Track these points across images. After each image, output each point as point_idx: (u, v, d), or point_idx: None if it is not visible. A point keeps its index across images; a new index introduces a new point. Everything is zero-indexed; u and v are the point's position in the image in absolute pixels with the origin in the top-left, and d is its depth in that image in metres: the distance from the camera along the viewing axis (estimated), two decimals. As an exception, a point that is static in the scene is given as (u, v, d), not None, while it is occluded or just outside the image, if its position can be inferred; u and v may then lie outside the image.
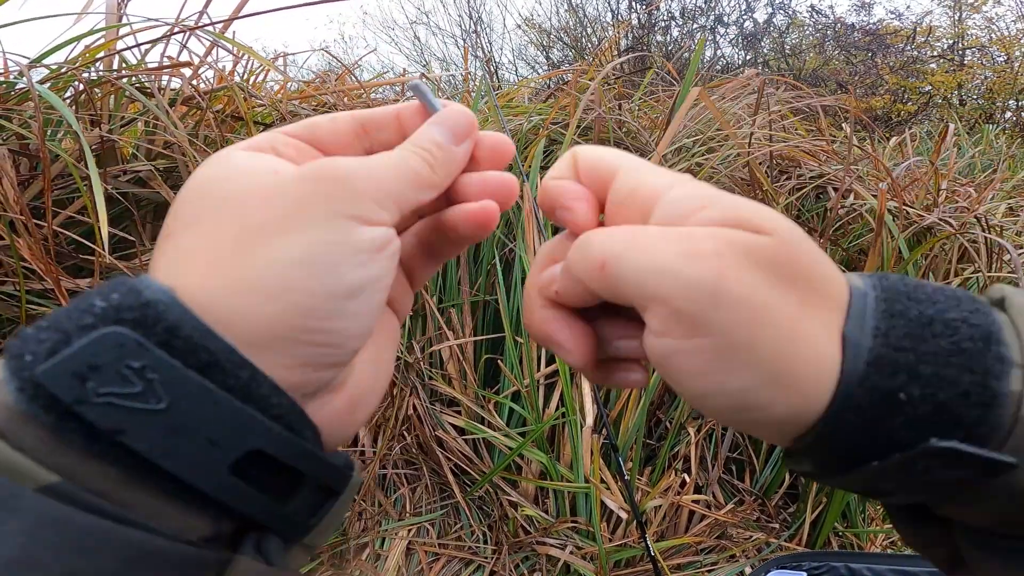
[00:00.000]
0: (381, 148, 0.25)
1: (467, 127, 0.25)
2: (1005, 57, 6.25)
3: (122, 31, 1.36)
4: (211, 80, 1.65)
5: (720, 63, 6.39)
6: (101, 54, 1.35)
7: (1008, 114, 6.07)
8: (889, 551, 1.48)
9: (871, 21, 6.61)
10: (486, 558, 1.31)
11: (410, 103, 0.26)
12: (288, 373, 0.19)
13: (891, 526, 1.50)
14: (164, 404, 0.17)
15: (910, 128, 3.52)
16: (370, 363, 0.24)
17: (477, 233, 0.26)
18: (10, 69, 1.29)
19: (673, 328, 0.20)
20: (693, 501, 1.35)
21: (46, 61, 1.30)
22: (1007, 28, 6.39)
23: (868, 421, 0.19)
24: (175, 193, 1.34)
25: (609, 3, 6.74)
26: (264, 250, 0.19)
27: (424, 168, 0.23)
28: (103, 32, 1.33)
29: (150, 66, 1.44)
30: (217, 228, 0.20)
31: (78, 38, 1.31)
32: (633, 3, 6.46)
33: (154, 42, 1.41)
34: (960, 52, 6.51)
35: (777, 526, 1.46)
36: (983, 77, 6.27)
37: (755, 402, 0.20)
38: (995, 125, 5.19)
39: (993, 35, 6.41)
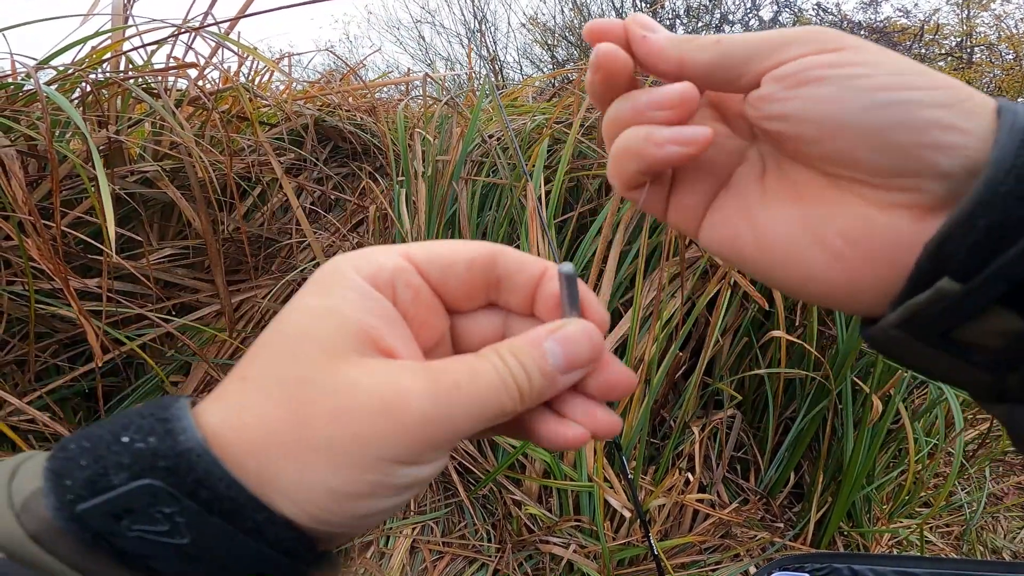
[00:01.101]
0: (504, 305, 0.25)
1: (587, 358, 0.23)
2: (1014, 55, 6.21)
3: (128, 32, 1.37)
4: (217, 81, 1.66)
5: (725, 61, 6.34)
6: (108, 55, 1.36)
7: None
8: (894, 552, 1.47)
9: (878, 19, 6.58)
10: (490, 556, 1.32)
11: (552, 274, 0.24)
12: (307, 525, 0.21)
13: (897, 525, 1.50)
14: (187, 540, 0.19)
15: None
16: None
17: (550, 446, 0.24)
18: (18, 71, 1.30)
19: (820, 50, 0.22)
20: (697, 500, 1.35)
21: (53, 62, 1.31)
22: (1015, 26, 6.34)
23: None
24: (181, 193, 1.35)
25: (613, 1, 6.72)
26: (304, 470, 0.20)
27: (511, 402, 0.22)
28: (109, 33, 1.34)
29: (156, 67, 1.45)
30: (280, 409, 0.20)
31: (85, 39, 1.32)
32: (637, 1, 6.45)
33: (160, 43, 1.42)
34: (968, 50, 6.47)
35: (782, 525, 1.46)
36: (992, 75, 6.22)
37: (931, 119, 0.20)
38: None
39: (1001, 33, 6.36)
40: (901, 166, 0.21)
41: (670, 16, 6.46)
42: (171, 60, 1.48)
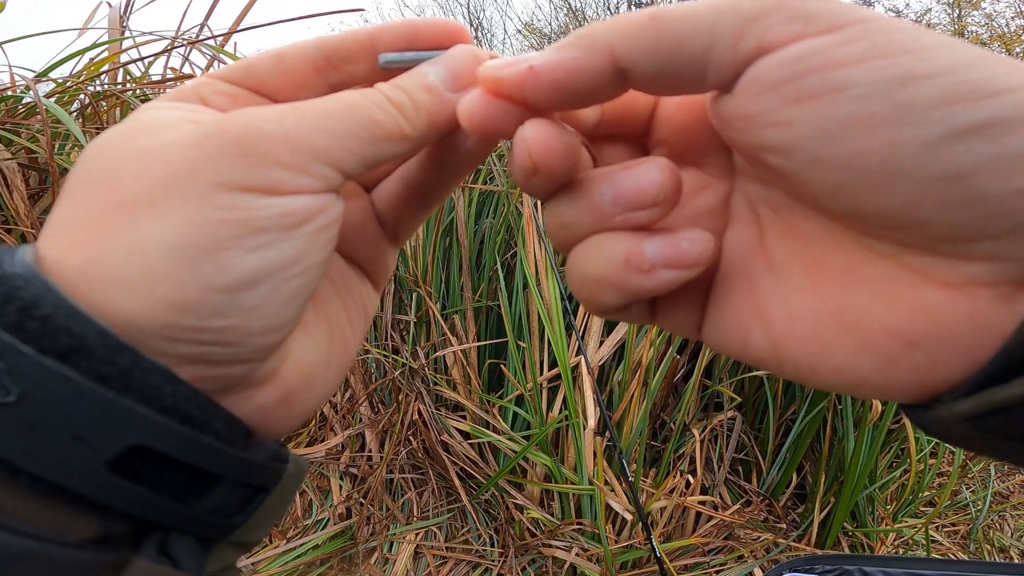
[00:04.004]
0: (356, 84, 0.20)
1: (472, 69, 0.19)
2: (1006, 54, 6.24)
3: (125, 44, 1.38)
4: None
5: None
6: (105, 67, 1.37)
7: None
8: (901, 552, 1.47)
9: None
10: (493, 560, 1.31)
11: (390, 25, 0.20)
12: (177, 370, 0.16)
13: (902, 525, 1.50)
14: (13, 396, 0.14)
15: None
16: (314, 348, 0.20)
17: (485, 143, 0.20)
18: (16, 83, 1.31)
19: (821, 30, 0.14)
20: (699, 502, 1.35)
21: (51, 75, 1.32)
22: (1006, 25, 6.37)
23: None
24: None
25: (608, 6, 6.76)
26: (129, 230, 0.15)
27: (385, 116, 0.18)
28: (106, 45, 1.35)
29: (153, 79, 1.46)
30: (91, 196, 0.16)
31: (82, 51, 1.33)
32: (632, 6, 6.49)
33: (157, 55, 1.43)
34: (962, 49, 6.51)
35: (785, 526, 1.46)
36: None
37: (967, 79, 0.13)
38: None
39: (993, 32, 6.39)
40: (989, 226, 0.14)
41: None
42: (168, 72, 1.49)
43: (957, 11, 6.58)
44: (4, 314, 0.14)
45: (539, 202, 1.41)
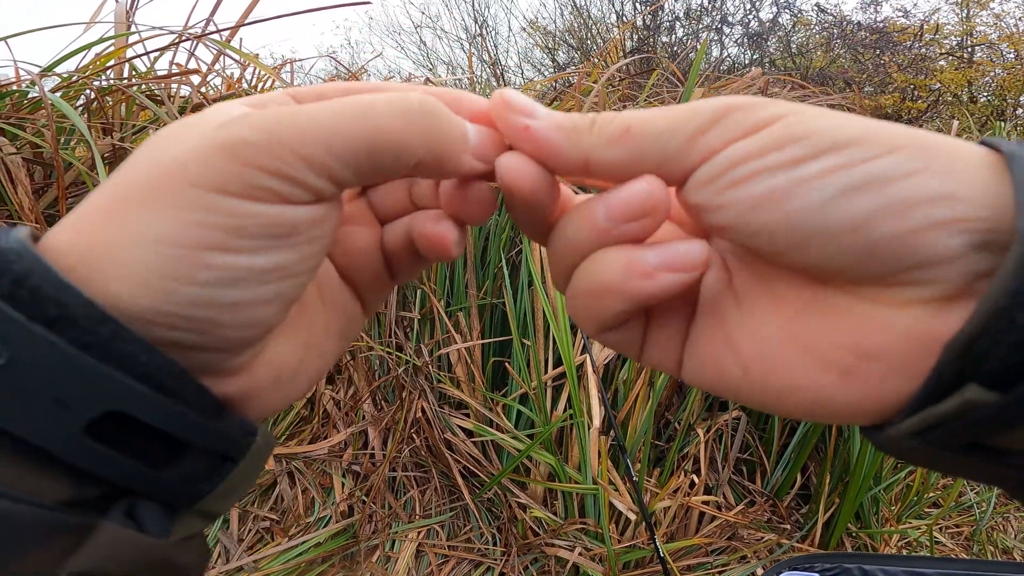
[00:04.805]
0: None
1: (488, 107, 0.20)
2: (1015, 54, 6.20)
3: (131, 39, 1.38)
4: (220, 87, 1.67)
5: (726, 63, 6.37)
6: (111, 62, 1.37)
7: (1020, 111, 6.02)
8: (904, 552, 1.47)
9: (878, 19, 6.58)
10: (495, 560, 1.31)
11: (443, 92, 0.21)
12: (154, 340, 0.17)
13: (906, 526, 1.49)
14: (3, 360, 0.15)
15: (921, 126, 3.50)
16: (289, 352, 0.21)
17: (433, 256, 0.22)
18: (22, 78, 1.31)
19: (744, 133, 0.18)
20: (703, 502, 1.35)
21: (57, 69, 1.32)
22: (1015, 25, 6.34)
23: None
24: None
25: (613, 4, 6.74)
26: (127, 222, 0.16)
27: (396, 118, 0.18)
28: (112, 40, 1.35)
29: (159, 74, 1.46)
30: (108, 189, 0.17)
31: (88, 46, 1.33)
32: (637, 4, 6.47)
33: (163, 50, 1.43)
34: (969, 49, 6.47)
35: (789, 527, 1.45)
36: (993, 74, 6.22)
37: (910, 193, 0.16)
38: (1007, 122, 5.15)
39: (1001, 32, 6.36)
40: (895, 264, 0.16)
41: (669, 18, 6.47)
42: (174, 67, 1.48)
43: (965, 11, 6.54)
44: (1, 283, 0.15)
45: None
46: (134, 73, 1.46)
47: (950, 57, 6.45)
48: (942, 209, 0.16)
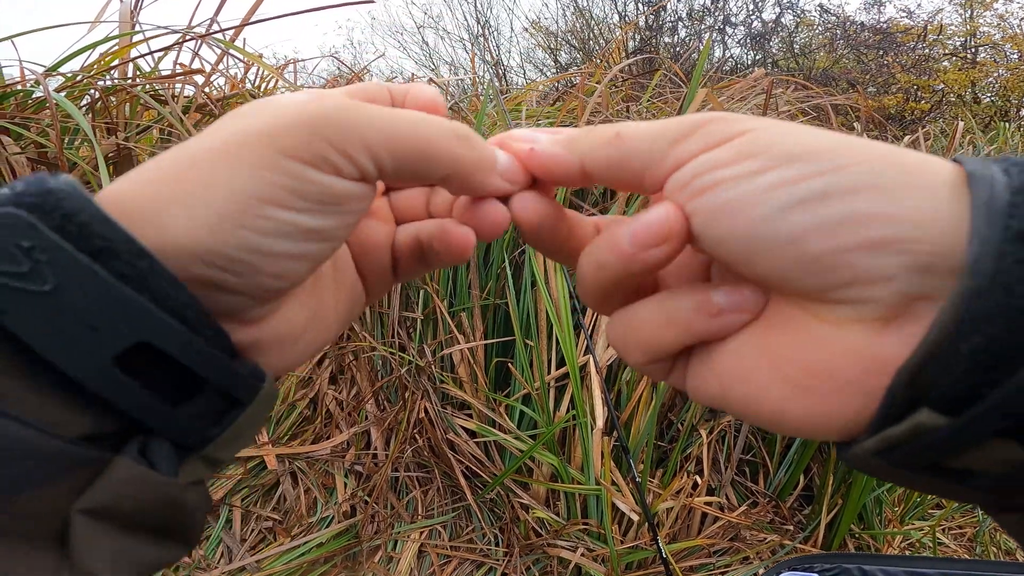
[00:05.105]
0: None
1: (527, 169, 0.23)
2: (1018, 55, 6.18)
3: (135, 39, 1.38)
4: (223, 87, 1.67)
5: (729, 64, 6.36)
6: (115, 62, 1.37)
7: (1023, 111, 6.00)
8: (907, 553, 1.46)
9: (882, 19, 6.56)
10: (497, 560, 1.31)
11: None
12: (187, 279, 0.18)
13: (909, 527, 1.49)
14: (50, 286, 0.16)
15: (924, 126, 3.49)
16: (298, 317, 0.22)
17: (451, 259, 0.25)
18: (27, 77, 1.31)
19: (710, 145, 0.19)
20: (705, 503, 1.35)
21: (61, 69, 1.32)
22: (1019, 25, 6.32)
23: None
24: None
25: (616, 4, 6.74)
26: (207, 170, 0.18)
27: (440, 135, 0.21)
28: (117, 40, 1.35)
29: (163, 74, 1.46)
30: (190, 148, 0.19)
31: (92, 46, 1.33)
32: (639, 4, 6.47)
33: (167, 49, 1.43)
34: (972, 50, 6.45)
35: (792, 528, 1.45)
36: (997, 75, 6.20)
37: (846, 212, 0.17)
38: (1010, 122, 5.13)
39: (1005, 32, 6.34)
40: (831, 279, 0.17)
41: (672, 19, 6.46)
42: (178, 67, 1.49)
43: (969, 12, 6.53)
44: (50, 218, 0.16)
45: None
46: (138, 73, 1.46)
47: (954, 58, 6.44)
48: (878, 229, 0.16)
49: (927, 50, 6.29)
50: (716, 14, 6.48)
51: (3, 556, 0.16)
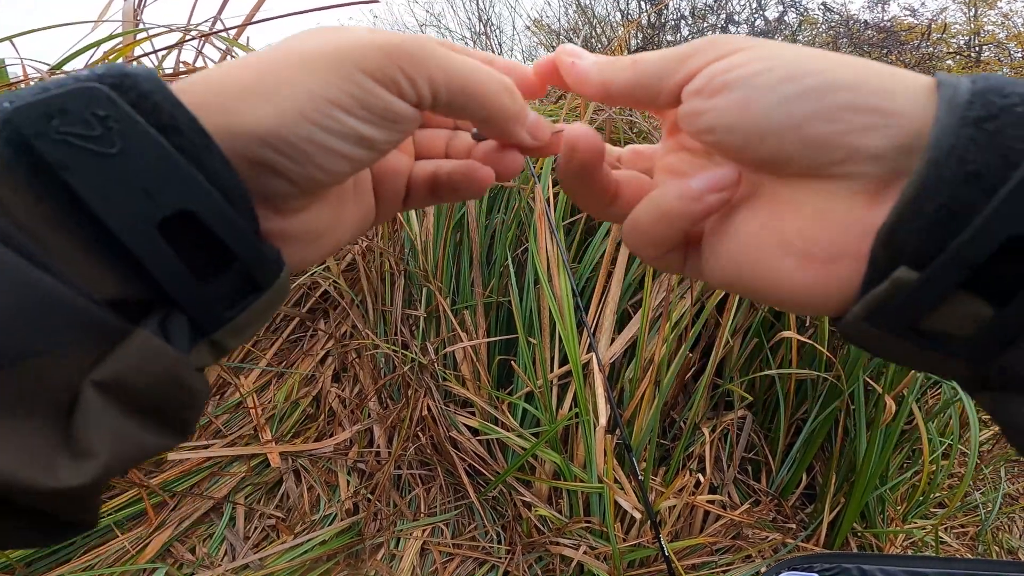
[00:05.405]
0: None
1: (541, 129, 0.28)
2: (1022, 53, 6.16)
3: (138, 37, 1.38)
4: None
5: (731, 62, 6.32)
6: (119, 60, 1.37)
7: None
8: (909, 552, 1.46)
9: (885, 18, 6.54)
10: (500, 558, 1.31)
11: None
12: (247, 171, 0.21)
13: (912, 526, 1.49)
14: (116, 149, 0.18)
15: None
16: (322, 220, 0.25)
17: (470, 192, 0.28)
18: (30, 76, 1.31)
19: (719, 56, 0.23)
20: (708, 501, 1.34)
21: (65, 68, 1.32)
22: (1023, 24, 6.29)
23: (990, 132, 0.18)
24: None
25: (618, 3, 6.72)
26: (293, 72, 0.21)
27: (490, 82, 0.25)
28: (120, 38, 1.35)
29: (167, 72, 1.46)
30: (272, 54, 0.22)
31: (96, 44, 1.33)
32: (642, 3, 6.45)
33: (170, 48, 1.43)
34: (976, 48, 6.43)
35: (794, 527, 1.45)
36: (1001, 74, 6.17)
37: (842, 102, 0.20)
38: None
39: (1009, 31, 6.32)
40: (829, 156, 0.21)
41: (675, 18, 6.45)
42: (181, 65, 1.49)
43: (973, 10, 6.50)
44: (128, 95, 0.19)
45: (550, 198, 1.40)
46: (141, 71, 1.46)
47: (957, 56, 6.41)
48: (870, 116, 0.20)
49: (931, 49, 6.27)
50: (719, 12, 6.47)
51: (3, 431, 0.16)
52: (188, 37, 1.41)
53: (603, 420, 1.26)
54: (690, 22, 6.45)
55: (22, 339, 0.17)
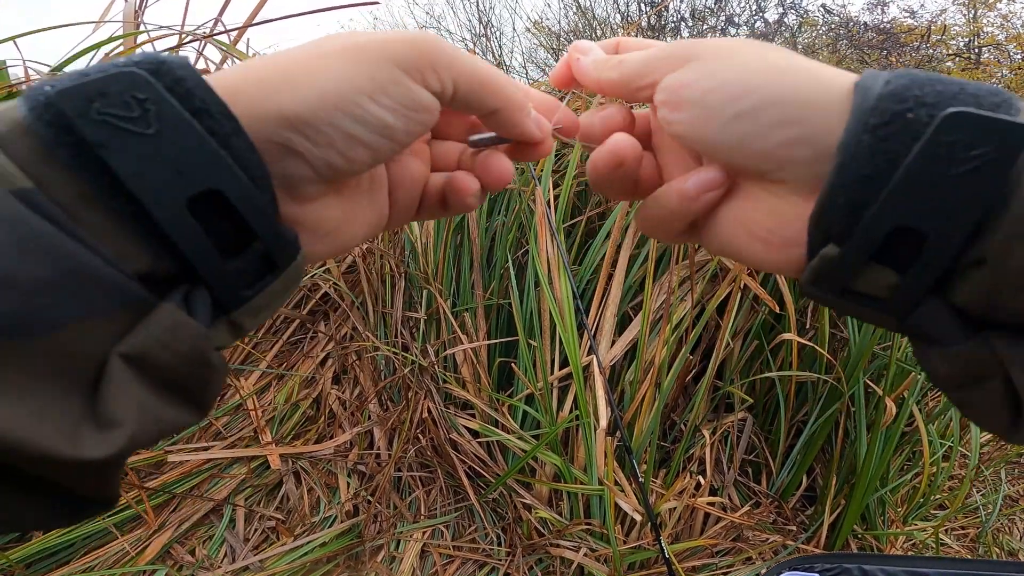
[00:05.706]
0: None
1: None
2: (1021, 55, 6.16)
3: (139, 39, 1.38)
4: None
5: (731, 64, 6.32)
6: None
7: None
8: (910, 554, 1.46)
9: (885, 19, 6.55)
10: (500, 560, 1.31)
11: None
12: (270, 153, 0.22)
13: (912, 528, 1.49)
14: (152, 130, 0.19)
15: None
16: (334, 213, 0.26)
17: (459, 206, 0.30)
18: (32, 77, 1.31)
19: (672, 67, 0.26)
20: (708, 503, 1.34)
21: (66, 69, 1.32)
22: (1022, 26, 6.29)
23: (881, 139, 0.21)
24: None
25: (618, 5, 6.73)
26: (325, 63, 0.23)
27: (516, 91, 0.28)
28: (121, 40, 1.35)
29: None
30: (314, 47, 0.23)
31: (97, 46, 1.33)
32: (642, 5, 6.45)
33: (171, 50, 1.43)
34: (976, 50, 6.43)
35: (794, 528, 1.45)
36: (1000, 75, 6.18)
37: (771, 120, 0.23)
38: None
39: (1008, 33, 6.32)
40: (768, 166, 0.24)
41: (675, 19, 6.45)
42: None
43: (972, 12, 6.51)
44: (165, 80, 0.20)
45: (551, 200, 1.40)
46: (142, 73, 1.46)
47: (957, 58, 6.42)
48: (796, 130, 0.23)
49: (931, 50, 6.27)
50: (719, 14, 6.47)
51: (32, 400, 0.17)
52: (188, 39, 1.41)
53: (603, 422, 1.26)
54: (690, 24, 6.46)
55: (58, 308, 0.18)
